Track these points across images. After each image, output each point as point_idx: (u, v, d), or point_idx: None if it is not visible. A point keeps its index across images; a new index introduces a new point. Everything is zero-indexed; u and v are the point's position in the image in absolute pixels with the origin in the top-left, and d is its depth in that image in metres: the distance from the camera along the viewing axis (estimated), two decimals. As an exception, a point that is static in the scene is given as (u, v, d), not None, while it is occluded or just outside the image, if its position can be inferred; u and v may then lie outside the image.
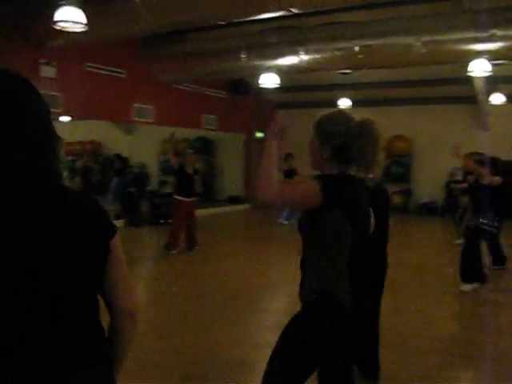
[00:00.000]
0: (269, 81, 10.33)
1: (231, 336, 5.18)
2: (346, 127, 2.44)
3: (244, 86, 14.40)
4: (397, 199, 15.16)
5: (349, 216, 2.33)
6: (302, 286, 2.51)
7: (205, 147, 17.99)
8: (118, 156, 16.64)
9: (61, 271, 1.35)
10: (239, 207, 16.21)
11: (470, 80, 12.65)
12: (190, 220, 9.40)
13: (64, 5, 6.40)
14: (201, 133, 17.41)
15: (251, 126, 16.16)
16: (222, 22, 9.83)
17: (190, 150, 10.77)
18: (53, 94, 10.23)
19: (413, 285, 7.46)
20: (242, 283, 7.45)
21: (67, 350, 1.37)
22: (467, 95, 13.57)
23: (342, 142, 2.42)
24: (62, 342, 1.37)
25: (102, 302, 1.53)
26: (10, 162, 1.31)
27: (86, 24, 6.49)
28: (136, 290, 1.57)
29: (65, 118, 16.78)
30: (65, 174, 20.13)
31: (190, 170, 9.45)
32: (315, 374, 2.54)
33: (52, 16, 8.60)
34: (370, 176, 3.12)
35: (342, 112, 2.64)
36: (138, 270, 8.32)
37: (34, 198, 1.33)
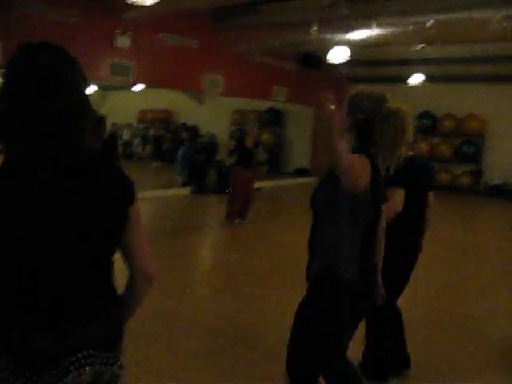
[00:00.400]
0: (340, 54, 10.21)
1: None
2: (375, 106, 2.44)
3: (316, 60, 14.26)
4: (466, 180, 14.78)
5: (372, 192, 2.34)
6: (309, 266, 2.53)
7: (274, 119, 18.03)
8: (184, 126, 17.03)
9: (82, 232, 1.50)
10: (305, 180, 16.22)
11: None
12: (246, 192, 9.57)
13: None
14: (270, 104, 17.47)
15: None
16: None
17: (252, 124, 10.89)
18: (126, 63, 10.59)
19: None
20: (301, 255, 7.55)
21: (81, 303, 1.55)
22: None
23: (365, 118, 2.43)
24: (77, 297, 1.54)
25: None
26: (36, 132, 1.45)
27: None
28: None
29: (138, 87, 17.30)
30: (137, 141, 20.82)
31: (249, 143, 9.56)
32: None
33: None
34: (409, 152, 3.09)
35: (380, 94, 2.60)
36: (201, 238, 8.59)
37: (55, 168, 1.47)
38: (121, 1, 9.76)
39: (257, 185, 10.59)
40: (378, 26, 9.90)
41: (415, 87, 14.15)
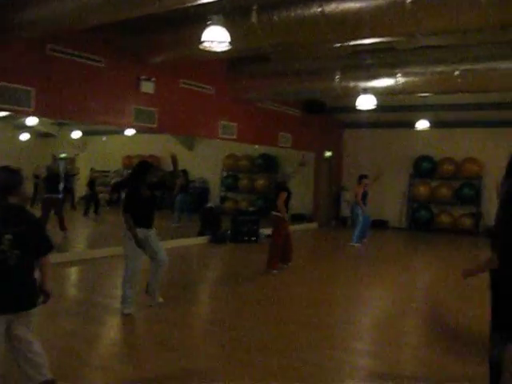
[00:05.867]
0: (368, 101, 10.41)
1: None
2: None
3: (319, 105, 14.56)
4: (466, 222, 15.12)
5: None
6: None
7: (267, 164, 18.09)
8: (184, 171, 16.82)
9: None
10: (303, 226, 16.20)
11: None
12: (288, 238, 9.54)
13: (211, 24, 6.54)
14: (263, 149, 17.56)
15: (321, 144, 16.31)
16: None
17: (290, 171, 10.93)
18: (150, 109, 10.48)
19: None
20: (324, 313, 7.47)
21: None
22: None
23: None
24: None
25: None
26: None
27: (230, 42, 6.63)
28: None
29: (130, 132, 17.13)
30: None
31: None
32: None
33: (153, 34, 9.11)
34: None
35: None
36: (245, 288, 8.38)
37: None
38: (145, 46, 9.81)
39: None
40: (404, 74, 10.18)
41: (416, 132, 14.54)
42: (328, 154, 16.44)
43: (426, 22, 6.91)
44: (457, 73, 9.71)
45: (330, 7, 7.21)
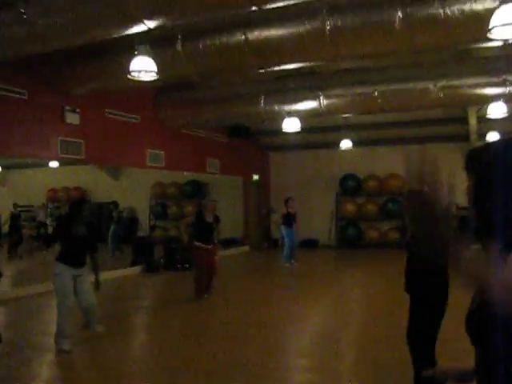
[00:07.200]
0: (292, 124, 10.70)
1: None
2: None
3: (244, 131, 14.80)
4: (393, 235, 15.68)
5: None
6: None
7: (196, 190, 18.08)
8: (115, 203, 16.59)
9: None
10: (234, 250, 16.26)
11: (463, 120, 13.49)
12: (210, 267, 9.40)
13: (137, 54, 6.59)
14: (191, 176, 17.56)
15: (248, 168, 16.52)
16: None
17: (212, 199, 10.94)
18: (77, 140, 10.31)
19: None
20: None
21: None
22: (458, 134, 14.41)
23: None
24: None
25: None
26: None
27: (156, 72, 6.69)
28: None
29: (54, 164, 16.73)
30: (48, 220, 19.82)
31: (209, 218, 9.53)
32: None
33: (77, 65, 9.04)
34: None
35: None
36: (179, 315, 8.35)
37: None
38: (69, 77, 9.68)
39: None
40: (326, 97, 10.56)
41: (340, 152, 15.03)
42: (255, 177, 16.68)
43: (345, 48, 7.25)
44: (376, 93, 10.17)
45: (254, 34, 7.44)
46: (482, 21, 6.07)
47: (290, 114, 10.78)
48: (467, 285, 1.47)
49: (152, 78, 6.87)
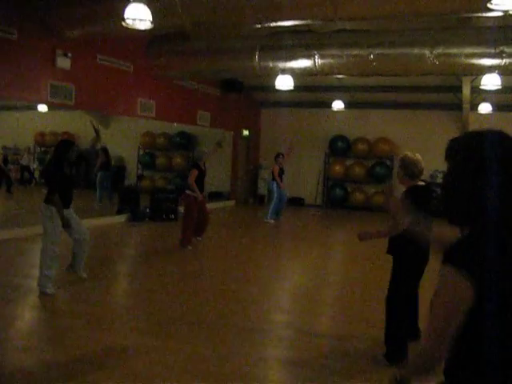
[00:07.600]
0: (285, 82, 10.61)
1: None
2: None
3: (237, 85, 14.67)
4: (379, 199, 15.82)
5: None
6: None
7: (185, 142, 17.99)
8: (104, 149, 16.43)
9: None
10: (220, 204, 16.33)
11: (457, 89, 13.45)
12: (202, 214, 9.66)
13: (132, 1, 6.45)
14: (180, 127, 17.42)
15: (239, 123, 16.44)
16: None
17: (205, 150, 10.89)
18: (68, 85, 10.18)
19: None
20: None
21: None
22: (451, 102, 14.38)
23: None
24: None
25: None
26: None
27: (151, 21, 6.57)
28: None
29: (42, 108, 16.48)
30: (34, 165, 19.68)
31: (203, 167, 9.65)
32: None
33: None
34: None
35: None
36: (162, 264, 8.45)
37: None
38: (60, 19, 9.46)
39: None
40: (321, 57, 10.45)
41: (331, 112, 14.99)
42: (245, 132, 16.62)
43: (344, 8, 7.17)
44: (372, 56, 10.09)
45: (252, -12, 7.31)
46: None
47: (284, 71, 10.68)
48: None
49: (147, 27, 6.74)
